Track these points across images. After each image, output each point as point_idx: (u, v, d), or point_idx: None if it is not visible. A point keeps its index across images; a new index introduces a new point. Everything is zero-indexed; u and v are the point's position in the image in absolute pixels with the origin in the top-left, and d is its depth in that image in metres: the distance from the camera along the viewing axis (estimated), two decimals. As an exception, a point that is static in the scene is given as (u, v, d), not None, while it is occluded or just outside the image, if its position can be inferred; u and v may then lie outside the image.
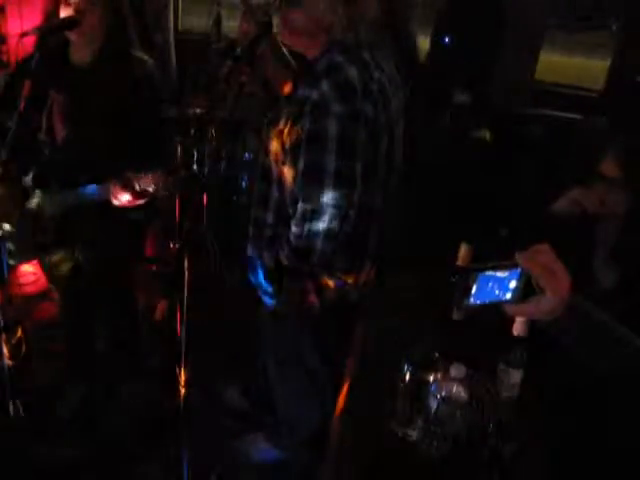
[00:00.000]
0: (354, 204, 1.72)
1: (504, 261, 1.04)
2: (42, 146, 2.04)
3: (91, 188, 1.93)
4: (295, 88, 1.81)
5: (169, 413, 2.52)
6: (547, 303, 1.03)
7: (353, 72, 1.66)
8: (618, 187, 1.60)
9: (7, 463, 2.18)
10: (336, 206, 1.69)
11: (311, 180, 1.69)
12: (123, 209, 1.98)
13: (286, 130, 1.72)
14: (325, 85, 1.63)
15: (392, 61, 1.86)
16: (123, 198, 1.87)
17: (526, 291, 1.06)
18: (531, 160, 3.31)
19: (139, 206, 1.93)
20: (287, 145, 1.73)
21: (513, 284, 1.05)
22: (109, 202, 1.92)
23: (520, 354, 1.43)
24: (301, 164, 1.71)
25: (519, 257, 1.04)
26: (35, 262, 2.36)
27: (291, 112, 1.71)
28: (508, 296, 1.06)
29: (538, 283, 1.04)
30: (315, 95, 1.64)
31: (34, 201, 2.02)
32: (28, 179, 2.03)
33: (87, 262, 2.26)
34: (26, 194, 2.03)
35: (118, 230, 2.19)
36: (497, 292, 1.06)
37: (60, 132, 2.00)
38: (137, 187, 1.81)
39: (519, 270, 1.04)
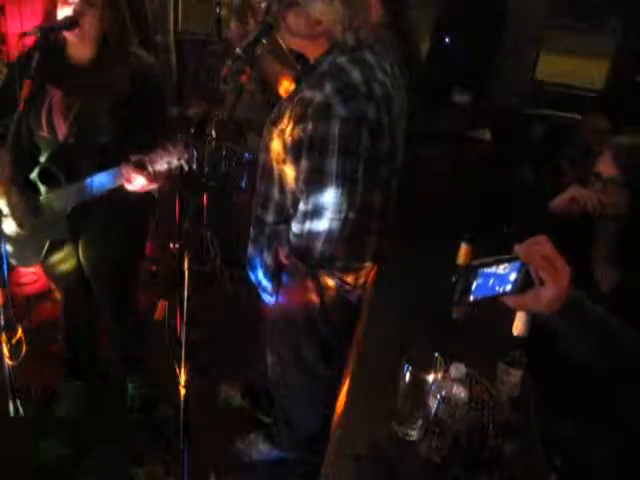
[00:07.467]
0: (355, 206, 1.72)
1: (504, 255, 1.05)
2: (44, 143, 2.04)
3: (103, 175, 1.93)
4: (297, 88, 1.81)
5: (169, 413, 2.54)
6: (547, 294, 1.04)
7: (356, 74, 1.66)
8: (616, 186, 1.60)
9: (6, 463, 2.19)
10: (337, 208, 1.69)
11: (313, 181, 1.69)
12: (127, 204, 1.98)
13: (288, 130, 1.72)
14: (328, 87, 1.63)
15: (394, 61, 1.86)
16: (137, 182, 1.86)
17: (526, 283, 1.06)
18: (531, 160, 3.32)
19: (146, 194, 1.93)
20: (288, 145, 1.73)
21: (513, 276, 1.06)
22: (122, 188, 1.91)
23: (520, 354, 1.43)
24: (303, 165, 1.71)
25: (518, 249, 1.05)
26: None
27: (293, 113, 1.71)
28: (508, 288, 1.07)
29: (538, 274, 1.04)
30: (318, 97, 1.63)
31: (41, 199, 2.02)
32: (33, 177, 2.03)
33: (88, 260, 2.27)
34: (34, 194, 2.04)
35: (119, 228, 2.19)
36: (497, 288, 1.07)
37: (61, 129, 2.00)
38: (150, 168, 1.80)
39: (519, 263, 1.05)
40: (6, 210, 1.99)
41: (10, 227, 2.05)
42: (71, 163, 1.99)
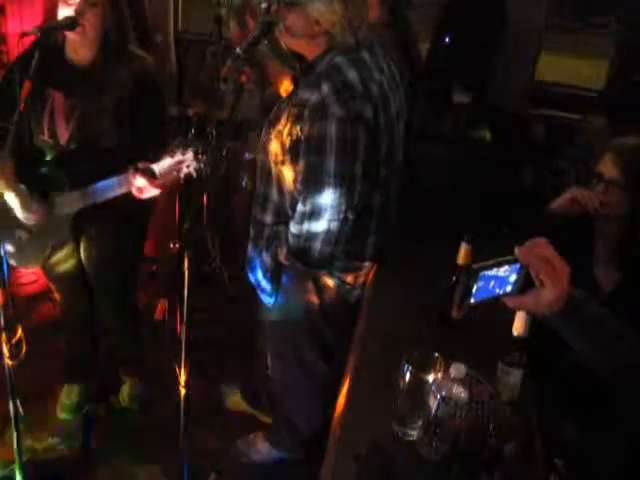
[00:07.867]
0: (353, 206, 1.72)
1: (504, 257, 1.05)
2: (46, 147, 2.04)
3: (108, 182, 1.93)
4: (295, 89, 1.81)
5: (169, 413, 2.54)
6: (547, 295, 1.04)
7: (353, 74, 1.66)
8: (617, 187, 1.60)
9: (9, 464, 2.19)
10: (335, 208, 1.69)
11: (310, 182, 1.69)
12: (129, 204, 1.98)
13: (285, 131, 1.72)
14: (325, 87, 1.63)
15: (393, 61, 1.86)
16: (140, 182, 1.86)
17: (526, 284, 1.07)
18: (531, 160, 3.31)
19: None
20: (286, 146, 1.73)
21: (513, 278, 1.07)
22: (128, 194, 1.91)
23: (520, 354, 1.43)
24: (300, 166, 1.71)
25: (518, 251, 1.05)
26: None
27: (291, 113, 1.71)
28: (508, 289, 1.08)
29: (537, 276, 1.05)
30: (315, 97, 1.63)
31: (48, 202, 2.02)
32: (36, 181, 2.03)
33: (89, 260, 2.26)
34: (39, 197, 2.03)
35: (121, 228, 2.19)
36: (498, 290, 1.07)
37: (63, 133, 2.00)
38: (158, 175, 1.81)
39: (518, 264, 1.05)
40: (14, 206, 1.98)
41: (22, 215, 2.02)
42: (74, 167, 1.99)
